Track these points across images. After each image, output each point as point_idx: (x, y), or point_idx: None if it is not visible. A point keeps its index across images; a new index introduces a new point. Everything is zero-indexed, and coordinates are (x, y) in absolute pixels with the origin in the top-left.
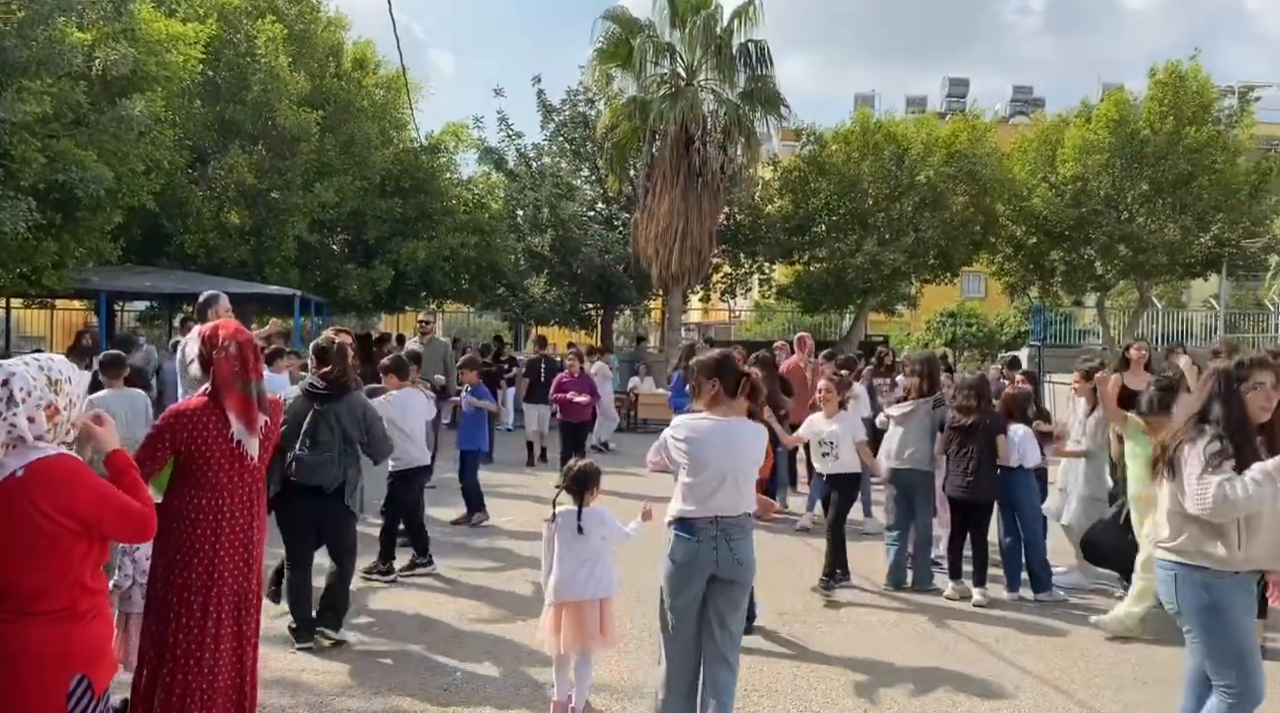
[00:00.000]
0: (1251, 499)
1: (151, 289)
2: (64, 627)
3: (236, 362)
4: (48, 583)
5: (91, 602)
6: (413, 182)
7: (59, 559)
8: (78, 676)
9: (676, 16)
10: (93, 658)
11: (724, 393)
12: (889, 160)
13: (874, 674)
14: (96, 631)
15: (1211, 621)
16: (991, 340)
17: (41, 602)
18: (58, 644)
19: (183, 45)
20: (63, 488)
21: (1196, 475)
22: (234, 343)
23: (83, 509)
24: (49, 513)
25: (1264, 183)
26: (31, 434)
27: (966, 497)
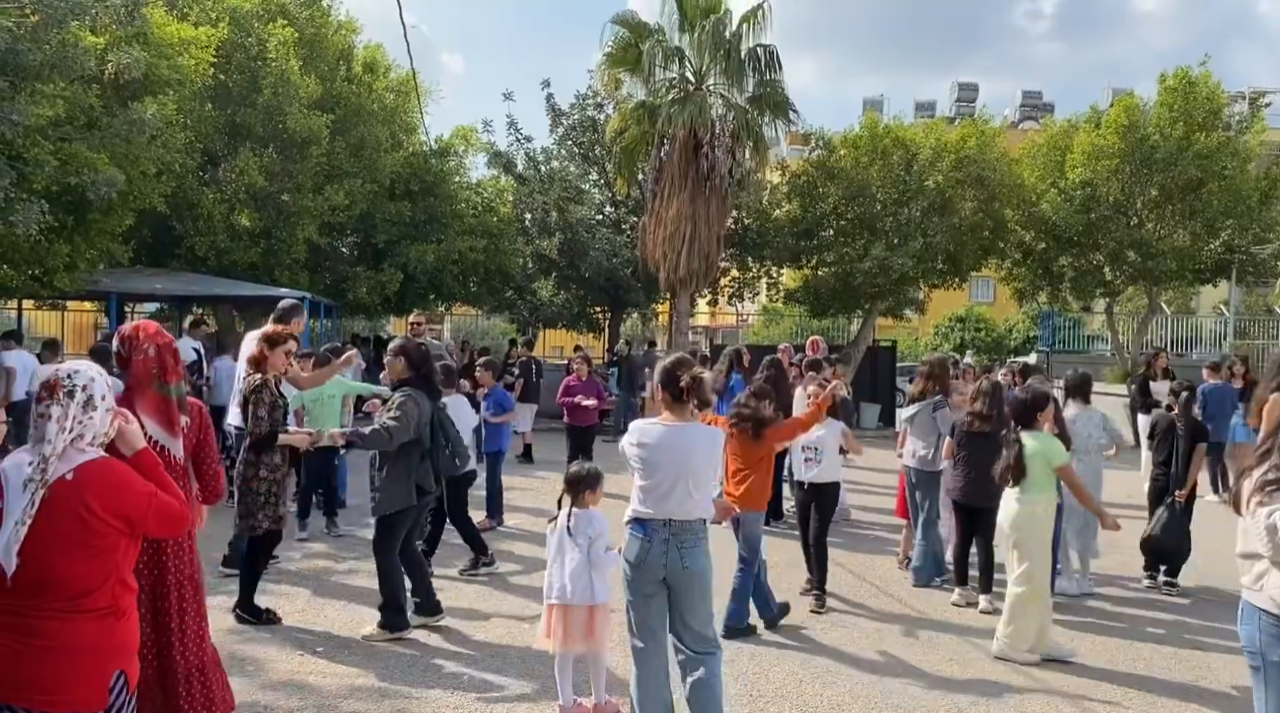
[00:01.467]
0: None
1: (162, 291)
2: (109, 623)
3: (155, 364)
4: (95, 581)
5: (130, 599)
6: (422, 185)
7: (106, 558)
8: (118, 671)
9: (685, 21)
10: (130, 654)
11: (672, 399)
12: (897, 165)
13: (880, 679)
14: (133, 628)
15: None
16: (1000, 345)
17: (90, 599)
18: (104, 639)
19: (194, 49)
20: (113, 490)
21: (1251, 509)
22: (153, 346)
23: (131, 510)
24: (99, 514)
25: (1274, 189)
26: (93, 435)
27: (968, 501)
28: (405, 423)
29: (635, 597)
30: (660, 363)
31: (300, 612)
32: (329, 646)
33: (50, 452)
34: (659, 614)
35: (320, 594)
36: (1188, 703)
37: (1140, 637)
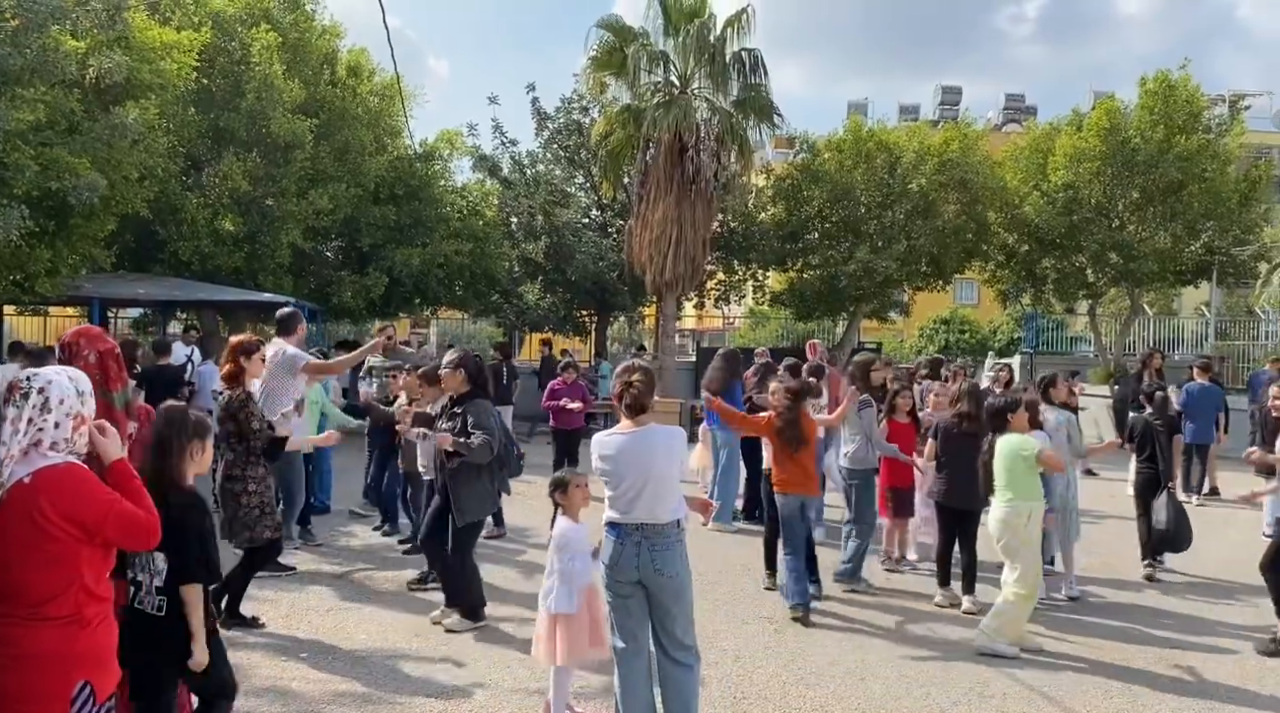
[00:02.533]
0: None
1: (145, 296)
2: (71, 632)
3: (96, 371)
4: (55, 588)
5: (98, 608)
6: (407, 189)
7: (65, 565)
8: (81, 681)
9: (670, 25)
10: (97, 664)
11: (625, 407)
12: (881, 168)
13: (863, 681)
14: (102, 638)
15: None
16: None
17: (50, 607)
18: (64, 648)
19: (177, 53)
20: (69, 496)
21: None
22: (94, 352)
23: (87, 516)
24: (53, 519)
25: (1253, 191)
26: (53, 440)
27: (956, 504)
28: (495, 435)
29: (613, 599)
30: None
31: (284, 618)
32: (312, 652)
33: (4, 455)
34: (638, 616)
35: (304, 601)
36: (1164, 696)
37: (1121, 636)
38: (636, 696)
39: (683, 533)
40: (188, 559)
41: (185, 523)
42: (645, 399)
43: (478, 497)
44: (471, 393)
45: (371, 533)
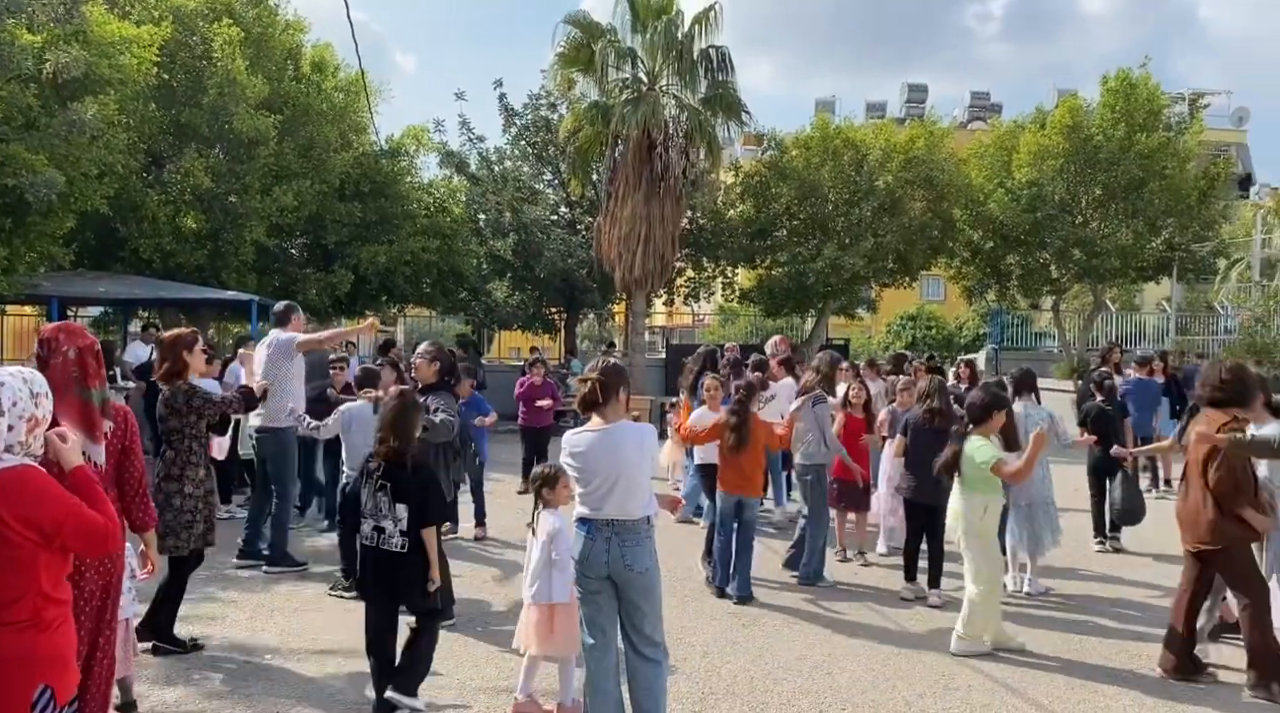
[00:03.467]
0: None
1: (105, 295)
2: (30, 636)
3: (75, 367)
4: (13, 593)
5: (56, 612)
6: (373, 185)
7: (23, 569)
8: (41, 685)
9: (638, 21)
10: (57, 668)
11: (591, 404)
12: (848, 166)
13: (830, 675)
14: (61, 640)
15: None
16: (950, 343)
17: (8, 611)
18: (24, 652)
19: (136, 48)
20: (26, 499)
21: None
22: (74, 348)
23: (45, 521)
24: (10, 523)
25: (1212, 188)
26: (6, 443)
27: (917, 498)
28: (454, 420)
29: (583, 594)
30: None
31: (249, 618)
32: (279, 653)
33: None
34: (607, 612)
35: (270, 601)
36: (1127, 691)
37: (1082, 629)
38: (605, 691)
39: (652, 529)
40: (428, 508)
41: (426, 480)
42: (596, 395)
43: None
44: (440, 385)
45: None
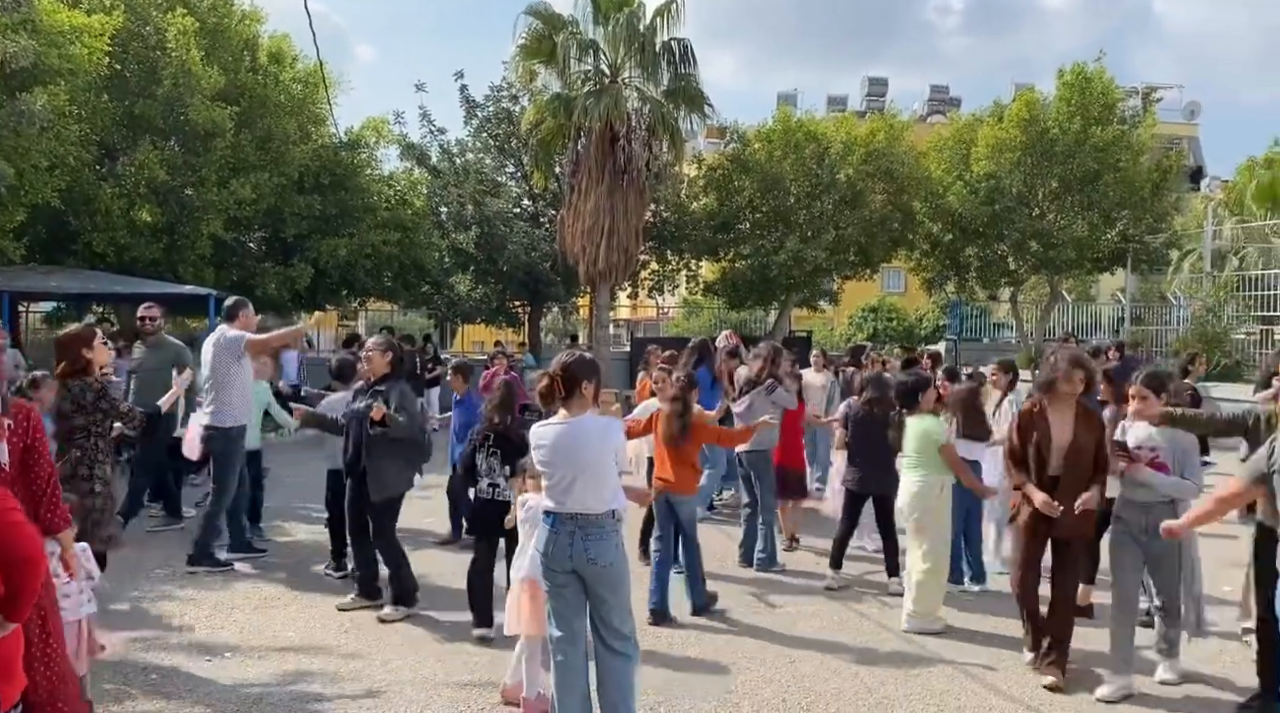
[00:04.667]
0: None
1: (58, 290)
2: None
3: None
4: None
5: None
6: (332, 178)
7: None
8: None
9: (600, 13)
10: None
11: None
12: (810, 159)
13: (793, 663)
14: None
15: None
16: (911, 334)
17: None
18: None
19: (87, 38)
20: None
21: None
22: None
23: None
24: None
25: (1165, 181)
26: None
27: (868, 489)
28: (416, 414)
29: (550, 587)
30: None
31: (209, 616)
32: (238, 652)
33: None
34: (574, 605)
35: (229, 599)
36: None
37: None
38: (572, 685)
39: (619, 523)
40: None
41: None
42: (556, 388)
43: (394, 472)
44: (394, 375)
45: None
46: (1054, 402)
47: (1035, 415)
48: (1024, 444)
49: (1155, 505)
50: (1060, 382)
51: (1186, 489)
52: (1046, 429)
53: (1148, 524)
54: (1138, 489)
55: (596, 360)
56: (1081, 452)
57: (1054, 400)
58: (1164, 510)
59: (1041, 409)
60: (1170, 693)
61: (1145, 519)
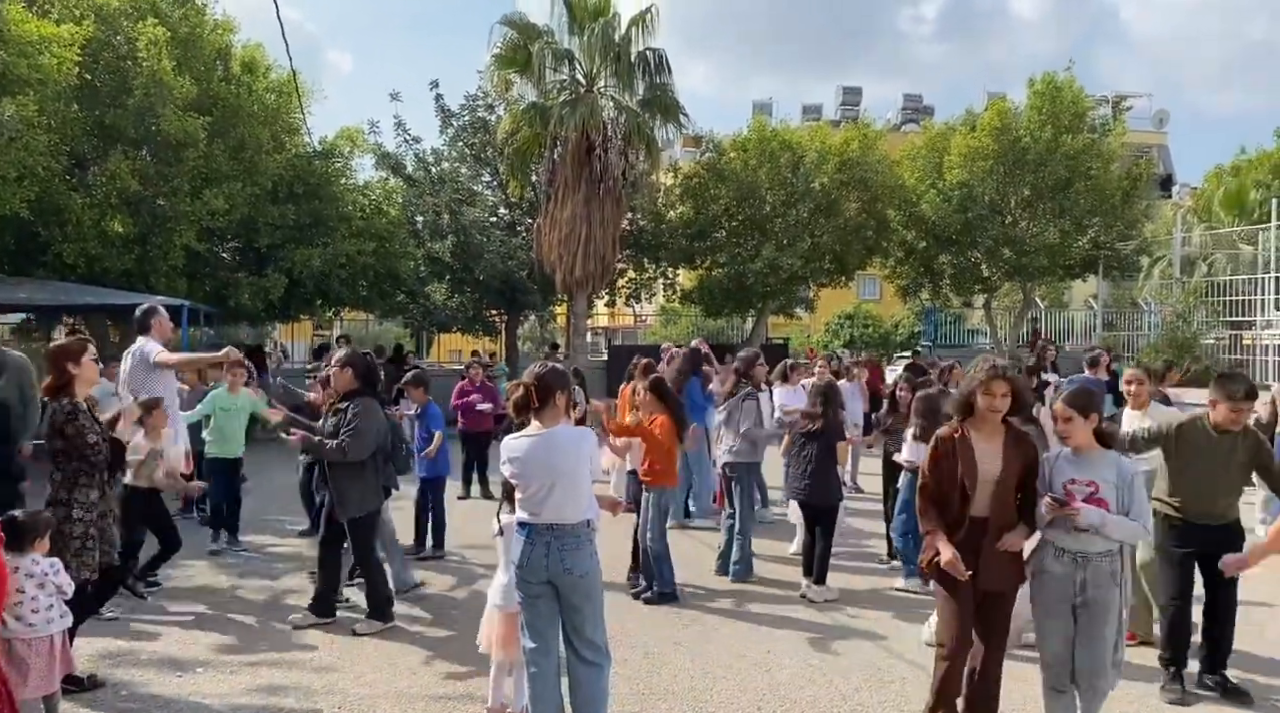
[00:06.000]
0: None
1: (27, 301)
2: None
3: None
4: None
5: None
6: (306, 188)
7: None
8: None
9: (575, 23)
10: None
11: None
12: (785, 168)
13: (768, 672)
14: None
15: None
16: (887, 342)
17: None
18: None
19: (56, 47)
20: None
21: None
22: None
23: None
24: None
25: (1135, 189)
26: None
27: (808, 500)
28: (362, 438)
29: (524, 598)
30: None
31: (183, 630)
32: (211, 666)
33: None
34: (548, 616)
35: (209, 611)
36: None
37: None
38: (546, 697)
39: (593, 532)
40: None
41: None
42: (529, 398)
43: (359, 491)
44: (360, 390)
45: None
46: (977, 424)
47: (955, 443)
48: (939, 479)
49: (1095, 556)
50: (979, 397)
51: (1136, 532)
52: (971, 459)
53: (1085, 578)
54: (1069, 535)
55: (567, 371)
56: (1014, 486)
57: (976, 423)
58: (1106, 560)
59: (963, 434)
60: None
61: (1082, 572)
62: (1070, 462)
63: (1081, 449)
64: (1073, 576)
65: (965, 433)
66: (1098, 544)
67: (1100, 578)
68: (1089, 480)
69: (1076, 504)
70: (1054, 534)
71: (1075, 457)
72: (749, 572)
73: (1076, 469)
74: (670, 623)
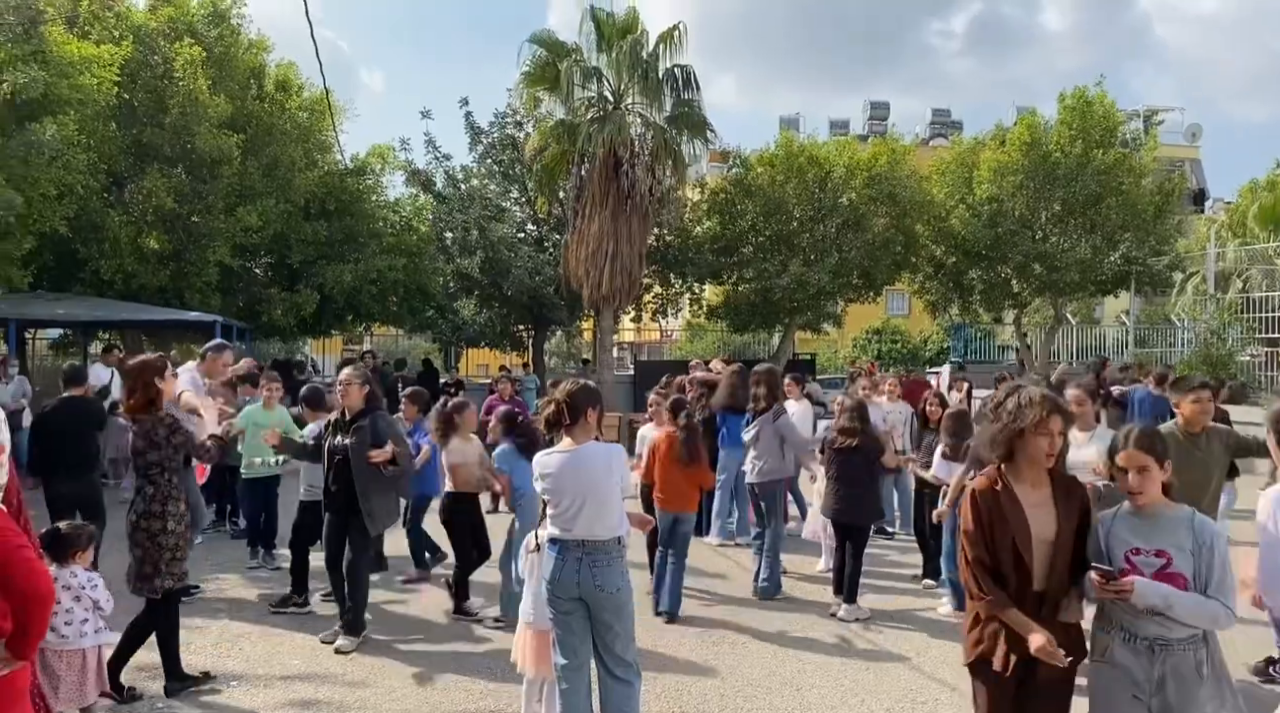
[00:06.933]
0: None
1: (65, 317)
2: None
3: None
4: None
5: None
6: (338, 204)
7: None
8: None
9: (603, 41)
10: (10, 702)
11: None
12: (812, 183)
13: (799, 692)
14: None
15: None
16: (915, 357)
17: None
18: None
19: (96, 68)
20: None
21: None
22: None
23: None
24: None
25: (1167, 203)
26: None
27: (840, 518)
28: (402, 436)
29: (555, 614)
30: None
31: (214, 645)
32: (243, 681)
33: None
34: (579, 633)
35: (234, 628)
36: None
37: None
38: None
39: (624, 549)
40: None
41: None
42: (561, 415)
43: (386, 506)
44: (370, 408)
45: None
46: (1018, 471)
47: (997, 497)
48: (990, 546)
49: (1177, 644)
50: (1031, 438)
51: (1216, 616)
52: (1022, 518)
53: (1164, 674)
54: (1140, 615)
55: (596, 388)
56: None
57: (1018, 469)
58: (1191, 648)
59: (1005, 486)
60: None
61: (1159, 666)
62: (1133, 524)
63: (1148, 507)
64: (1147, 670)
65: (1007, 483)
66: (1179, 628)
67: (1184, 673)
68: (1158, 550)
69: (1130, 580)
70: (1120, 612)
71: (1139, 517)
72: (777, 590)
73: (1142, 534)
74: (698, 641)
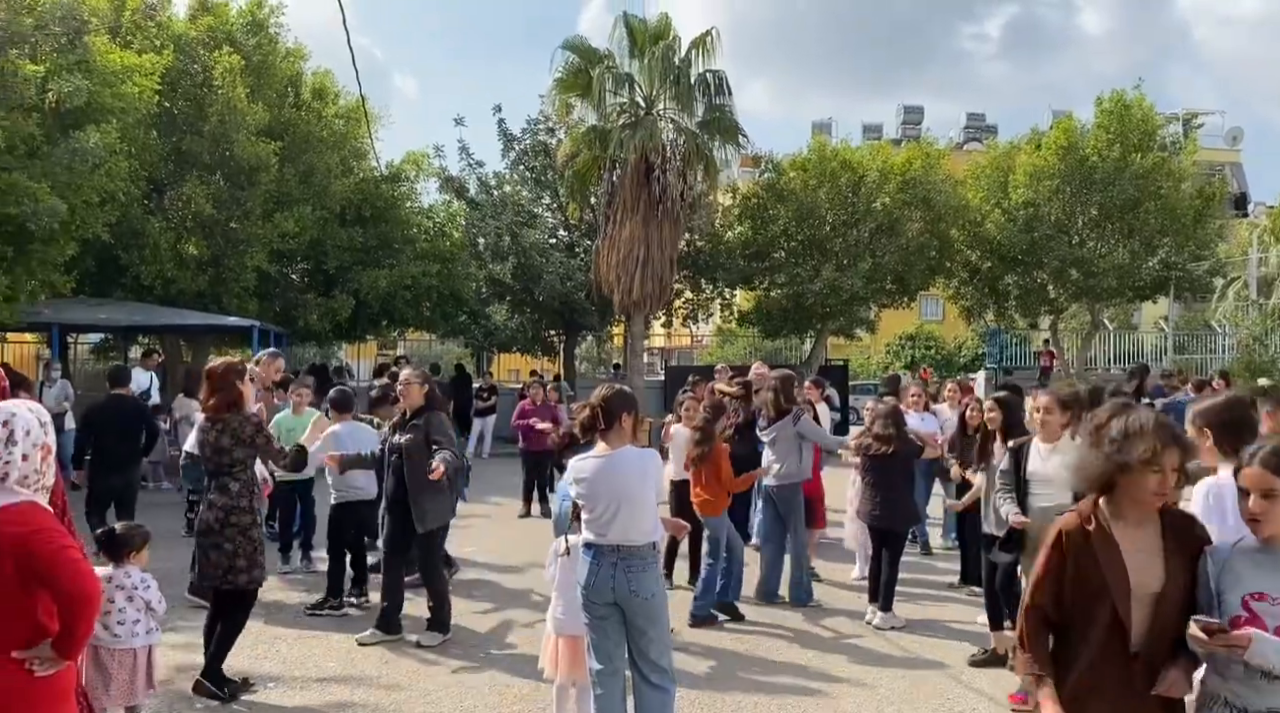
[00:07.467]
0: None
1: (106, 321)
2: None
3: None
4: (15, 630)
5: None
6: (373, 210)
7: (27, 605)
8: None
9: (635, 47)
10: (56, 701)
11: (597, 431)
12: (845, 187)
13: (834, 699)
14: (60, 673)
15: None
16: (950, 363)
17: (8, 648)
18: (22, 687)
19: (138, 76)
20: (27, 538)
21: None
22: None
23: (39, 562)
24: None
25: (1207, 208)
26: (22, 473)
27: (875, 523)
28: (452, 439)
29: (590, 619)
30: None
31: (251, 648)
32: (281, 683)
33: None
34: (614, 638)
35: (270, 630)
36: None
37: None
38: None
39: (658, 555)
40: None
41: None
42: (596, 420)
43: (438, 504)
44: (428, 406)
45: None
46: (1119, 509)
47: (1088, 539)
48: (1060, 594)
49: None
50: (1139, 475)
51: None
52: (1119, 565)
53: None
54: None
55: (632, 393)
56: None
57: (1119, 506)
58: None
59: (1099, 526)
60: None
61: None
62: (1256, 561)
63: (1276, 540)
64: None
65: (1102, 522)
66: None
67: None
68: (1257, 593)
69: (1247, 633)
70: (1230, 679)
71: (1264, 553)
72: (809, 596)
73: (1267, 574)
74: (732, 647)
